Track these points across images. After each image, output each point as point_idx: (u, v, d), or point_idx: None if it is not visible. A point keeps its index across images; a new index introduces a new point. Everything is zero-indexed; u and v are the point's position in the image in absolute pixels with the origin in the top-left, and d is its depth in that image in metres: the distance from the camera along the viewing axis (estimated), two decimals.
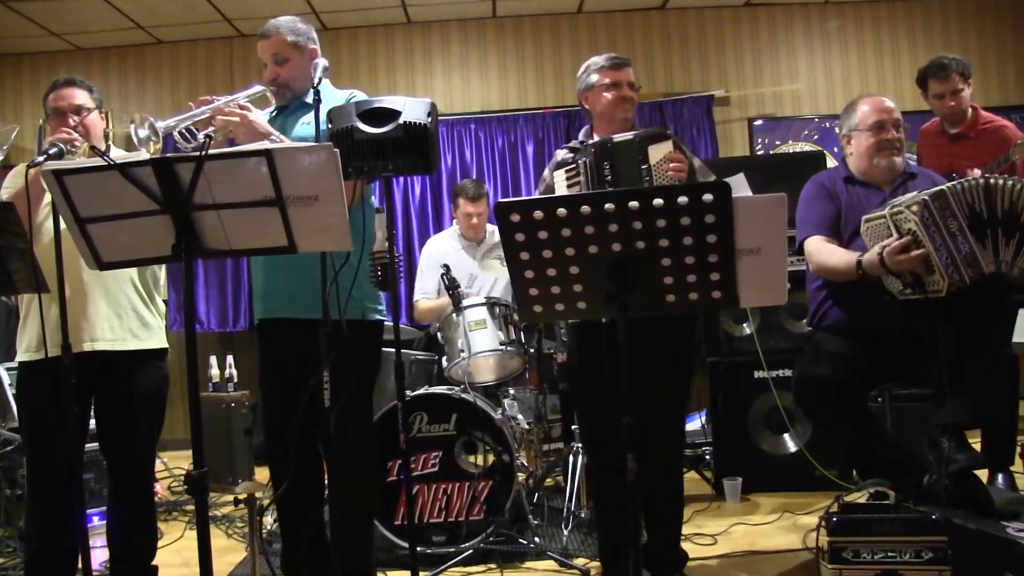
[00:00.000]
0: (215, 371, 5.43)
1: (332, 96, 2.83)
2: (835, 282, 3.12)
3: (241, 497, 2.46)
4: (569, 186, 2.84)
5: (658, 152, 2.75)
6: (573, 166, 2.86)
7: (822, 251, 3.11)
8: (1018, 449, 3.58)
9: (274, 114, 2.93)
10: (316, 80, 2.63)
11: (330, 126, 2.57)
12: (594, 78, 3.02)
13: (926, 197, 2.71)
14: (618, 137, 2.83)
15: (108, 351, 2.92)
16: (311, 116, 2.83)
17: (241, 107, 2.65)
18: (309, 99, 2.88)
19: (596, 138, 3.06)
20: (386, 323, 2.98)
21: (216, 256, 2.89)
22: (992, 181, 2.72)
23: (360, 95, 2.74)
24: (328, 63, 2.71)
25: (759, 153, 6.77)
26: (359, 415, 2.84)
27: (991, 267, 2.72)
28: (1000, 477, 3.60)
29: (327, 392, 2.51)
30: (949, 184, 2.75)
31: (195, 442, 2.01)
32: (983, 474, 3.55)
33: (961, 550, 2.52)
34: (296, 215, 2.04)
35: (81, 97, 2.98)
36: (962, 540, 2.53)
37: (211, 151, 2.00)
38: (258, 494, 2.52)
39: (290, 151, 2.03)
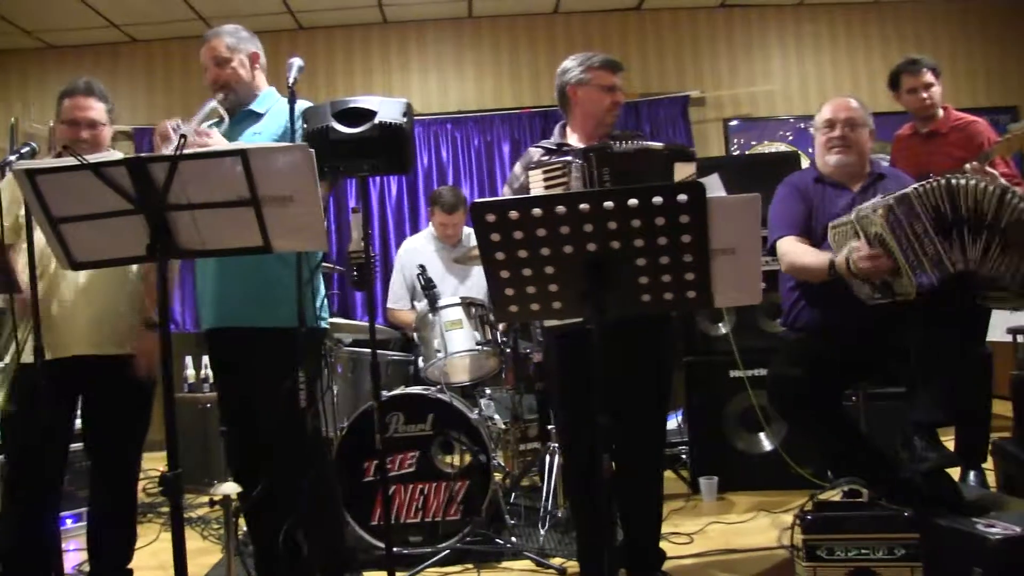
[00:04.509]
0: (191, 371, 5.39)
1: (280, 105, 2.84)
2: (808, 282, 3.14)
3: (216, 498, 2.45)
4: (547, 187, 2.80)
5: (683, 171, 2.72)
6: (558, 167, 2.77)
7: (795, 251, 3.11)
8: (989, 447, 3.63)
9: (220, 125, 2.93)
10: (291, 80, 2.63)
11: (305, 126, 2.57)
12: (589, 75, 2.97)
13: (891, 201, 2.70)
14: (650, 145, 2.80)
15: (94, 356, 2.91)
16: (260, 126, 2.86)
17: (200, 132, 2.66)
18: (255, 107, 2.91)
19: (573, 136, 3.04)
20: (361, 324, 2.99)
21: (191, 256, 2.84)
22: (954, 182, 2.69)
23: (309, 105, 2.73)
24: (303, 63, 2.71)
25: (735, 153, 6.83)
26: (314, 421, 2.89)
27: (959, 265, 2.72)
28: (972, 474, 3.65)
29: (302, 395, 2.53)
30: (912, 187, 2.73)
31: (169, 443, 2.00)
32: (957, 471, 3.60)
33: (933, 546, 2.55)
34: (271, 215, 2.04)
35: (97, 112, 3.01)
36: (934, 536, 2.56)
37: (186, 151, 1.99)
38: (233, 495, 2.50)
39: (265, 151, 2.03)
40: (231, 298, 2.83)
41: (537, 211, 1.91)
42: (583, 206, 1.90)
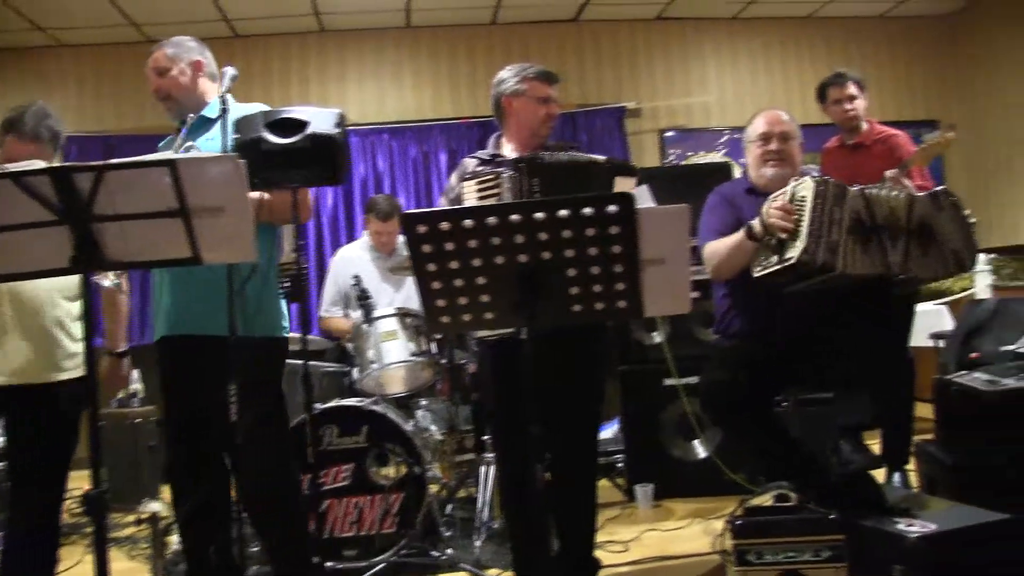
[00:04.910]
0: None
1: (236, 110, 2.83)
2: (740, 291, 3.20)
3: (143, 517, 2.41)
4: (481, 198, 2.83)
5: (624, 186, 2.76)
6: (491, 178, 2.80)
7: (715, 245, 3.17)
8: (912, 449, 3.75)
9: (181, 132, 2.91)
10: (224, 89, 2.63)
11: (237, 136, 2.56)
12: (524, 86, 2.99)
13: (830, 179, 2.85)
14: (593, 157, 2.85)
15: (24, 385, 2.85)
16: (214, 131, 2.84)
17: None
18: (208, 113, 2.89)
19: (508, 147, 3.07)
20: (294, 335, 2.98)
21: (118, 268, 2.84)
22: (868, 192, 2.89)
23: (264, 107, 2.73)
24: (236, 72, 2.71)
25: (667, 164, 6.94)
26: (282, 430, 2.91)
27: (879, 269, 2.85)
28: (896, 476, 3.78)
29: (234, 407, 2.52)
30: (853, 187, 2.90)
31: (93, 460, 1.96)
32: (882, 473, 3.72)
33: (857, 547, 2.62)
34: (201, 226, 2.03)
35: (43, 161, 2.85)
36: (857, 537, 2.65)
37: (113, 160, 1.98)
38: (162, 513, 2.47)
39: (196, 161, 2.03)
40: (190, 306, 2.80)
41: (468, 222, 1.93)
42: (514, 217, 1.93)
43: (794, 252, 2.77)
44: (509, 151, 3.04)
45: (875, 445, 3.51)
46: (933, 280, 3.11)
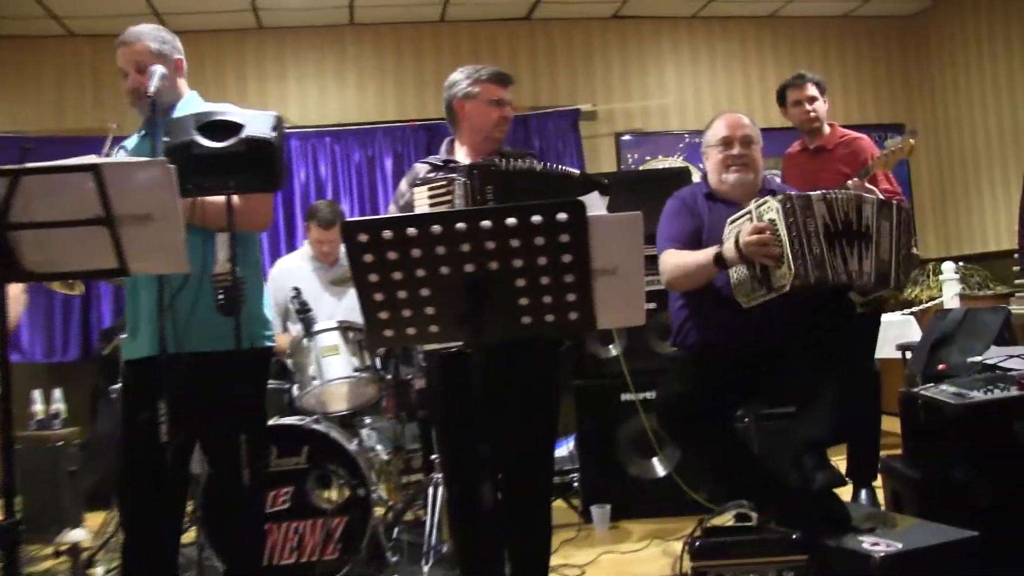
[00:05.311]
0: (39, 407, 5.16)
1: (204, 107, 2.81)
2: (697, 300, 3.23)
3: (63, 548, 2.37)
4: (433, 205, 2.83)
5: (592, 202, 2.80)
6: (443, 184, 2.79)
7: (677, 257, 3.19)
8: (879, 464, 3.82)
9: (143, 134, 2.89)
10: (152, 89, 2.61)
11: (167, 140, 2.53)
12: (477, 88, 2.99)
13: (791, 194, 2.90)
14: (569, 171, 2.88)
15: None
16: None
17: None
18: (176, 113, 2.85)
19: (461, 151, 3.07)
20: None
21: (37, 279, 2.78)
22: (829, 195, 2.93)
23: (233, 109, 2.70)
24: (166, 71, 2.69)
25: (624, 169, 7.00)
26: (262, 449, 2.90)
27: (843, 277, 2.90)
28: (864, 493, 3.85)
29: (163, 427, 2.48)
30: (814, 192, 2.95)
31: (6, 488, 1.92)
32: (849, 489, 3.78)
33: (821, 567, 2.66)
34: (128, 234, 2.01)
35: None
36: (821, 557, 2.69)
37: (30, 164, 1.96)
38: (84, 543, 2.42)
39: (122, 166, 2.02)
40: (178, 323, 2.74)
41: (412, 230, 1.93)
42: (460, 225, 1.93)
43: (785, 280, 2.82)
44: (462, 156, 3.04)
45: (841, 461, 3.56)
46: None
